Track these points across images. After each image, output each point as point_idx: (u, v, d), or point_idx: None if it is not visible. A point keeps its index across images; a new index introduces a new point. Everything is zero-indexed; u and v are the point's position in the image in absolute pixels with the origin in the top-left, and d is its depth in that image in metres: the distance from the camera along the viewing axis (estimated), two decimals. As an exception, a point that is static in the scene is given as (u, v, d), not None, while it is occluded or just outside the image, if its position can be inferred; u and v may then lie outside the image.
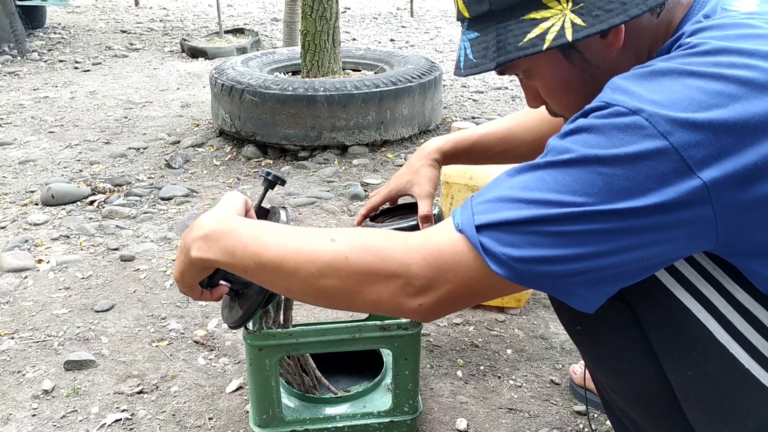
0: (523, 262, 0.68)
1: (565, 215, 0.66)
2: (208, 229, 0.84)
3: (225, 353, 1.65)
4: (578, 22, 0.74)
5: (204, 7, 8.15)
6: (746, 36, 0.69)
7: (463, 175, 1.76)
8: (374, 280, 0.74)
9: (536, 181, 0.69)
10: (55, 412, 1.44)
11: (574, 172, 0.67)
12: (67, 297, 1.90)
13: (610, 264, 0.68)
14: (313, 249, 0.76)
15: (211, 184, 2.77)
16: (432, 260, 0.72)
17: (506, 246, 0.68)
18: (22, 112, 3.83)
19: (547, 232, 0.67)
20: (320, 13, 3.30)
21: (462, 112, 3.73)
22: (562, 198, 0.67)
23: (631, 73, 0.71)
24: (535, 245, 0.67)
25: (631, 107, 0.66)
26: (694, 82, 0.66)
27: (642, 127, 0.65)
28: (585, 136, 0.68)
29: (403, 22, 7.24)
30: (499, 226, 0.69)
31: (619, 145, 0.65)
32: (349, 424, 1.29)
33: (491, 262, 0.69)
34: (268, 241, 0.79)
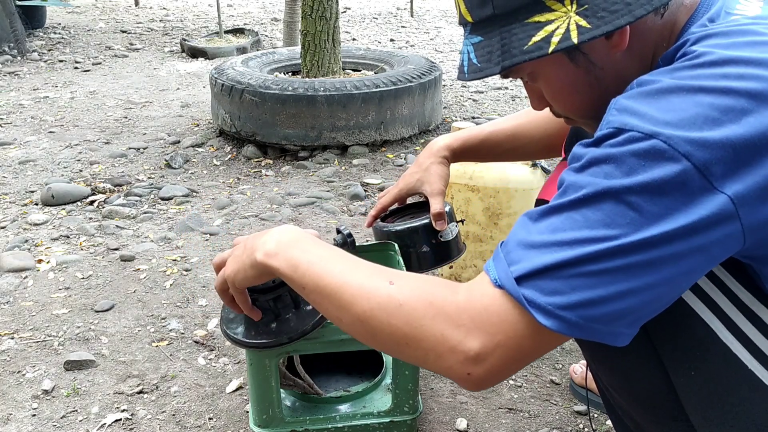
0: (571, 309, 0.66)
1: (603, 252, 0.65)
2: (279, 237, 0.86)
3: (225, 353, 1.65)
4: (583, 24, 0.73)
5: (204, 7, 8.15)
6: (753, 44, 0.69)
7: (463, 175, 1.76)
8: (423, 337, 0.72)
9: (565, 222, 0.67)
10: (55, 412, 1.44)
11: (601, 206, 0.66)
12: (67, 297, 1.90)
13: (653, 296, 0.67)
14: (372, 287, 0.75)
15: (211, 184, 2.77)
16: (480, 323, 0.69)
17: (550, 295, 0.66)
18: (22, 112, 3.83)
19: (588, 272, 0.65)
20: (320, 13, 3.30)
21: (462, 112, 3.73)
22: (596, 234, 0.65)
23: (636, 92, 0.70)
24: (580, 288, 0.65)
25: (647, 131, 0.65)
26: (704, 99, 0.65)
27: (661, 150, 0.64)
28: (604, 168, 0.66)
29: (403, 22, 7.24)
30: (539, 274, 0.66)
31: (642, 172, 0.64)
32: (349, 424, 1.29)
33: (539, 315, 0.66)
34: (332, 267, 0.79)
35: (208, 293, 1.92)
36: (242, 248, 0.91)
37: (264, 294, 1.13)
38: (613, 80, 0.81)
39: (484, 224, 1.78)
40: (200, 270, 2.05)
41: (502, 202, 1.74)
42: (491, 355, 0.69)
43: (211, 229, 2.33)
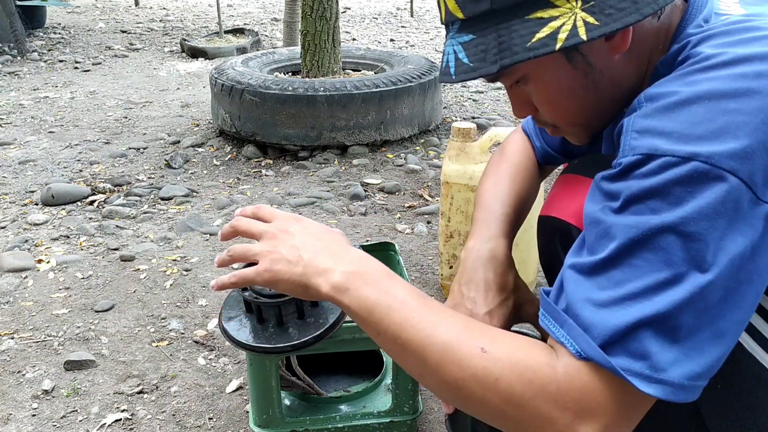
0: (668, 370, 0.60)
1: (681, 298, 0.60)
2: (347, 268, 0.75)
3: (225, 353, 1.65)
4: (591, 21, 0.69)
5: (204, 7, 8.15)
6: (758, 39, 0.67)
7: (463, 175, 1.76)
8: (523, 416, 0.66)
9: (627, 271, 0.62)
10: (55, 412, 1.44)
11: (660, 245, 0.61)
12: (67, 297, 1.90)
13: (740, 327, 0.63)
14: (463, 354, 0.67)
15: (211, 184, 2.77)
16: (586, 405, 0.63)
17: (644, 358, 0.61)
18: (22, 112, 3.83)
19: (674, 325, 0.60)
20: (320, 13, 3.30)
21: (462, 112, 3.73)
22: (664, 276, 0.61)
23: (653, 108, 0.66)
24: (670, 344, 0.61)
25: (682, 154, 0.61)
26: (729, 105, 0.62)
27: (704, 172, 0.60)
28: (649, 203, 0.62)
29: (403, 22, 7.24)
30: (624, 337, 0.61)
31: (691, 199, 0.60)
32: (349, 424, 1.29)
33: (641, 384, 0.61)
34: (414, 318, 0.71)
35: (208, 293, 1.92)
36: (288, 251, 0.78)
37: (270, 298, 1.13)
38: (609, 84, 0.78)
39: (484, 224, 1.78)
40: (200, 270, 2.05)
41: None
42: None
43: (211, 229, 2.33)
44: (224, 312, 1.21)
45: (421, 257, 2.13)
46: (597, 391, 0.63)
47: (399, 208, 2.52)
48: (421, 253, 2.15)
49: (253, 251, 0.81)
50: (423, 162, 2.97)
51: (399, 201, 2.58)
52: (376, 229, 2.34)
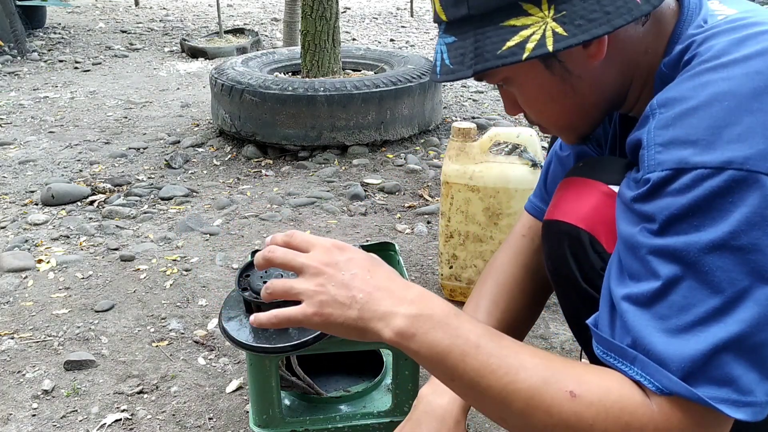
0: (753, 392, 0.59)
1: (751, 315, 0.58)
2: (409, 311, 0.68)
3: (225, 353, 1.65)
4: (560, 32, 0.69)
5: (204, 7, 8.15)
6: (764, 33, 0.67)
7: (463, 175, 1.76)
8: None
9: (688, 295, 0.60)
10: (55, 412, 1.44)
11: (716, 263, 0.59)
12: (67, 297, 1.90)
13: None
14: (551, 399, 0.64)
15: (211, 184, 2.77)
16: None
17: (728, 384, 0.59)
18: (22, 112, 3.83)
19: (751, 345, 0.59)
20: (320, 13, 3.30)
21: (462, 112, 3.73)
22: (729, 295, 0.59)
23: (672, 116, 0.64)
24: (752, 366, 0.59)
25: (714, 164, 0.59)
26: (752, 105, 0.61)
27: (742, 180, 0.59)
28: (692, 221, 0.60)
29: (403, 22, 7.24)
30: (703, 366, 0.59)
31: (735, 210, 0.58)
32: (349, 424, 1.29)
33: (730, 411, 0.59)
34: (494, 364, 0.66)
35: (208, 293, 1.92)
36: (338, 290, 0.70)
37: None
38: (590, 89, 0.78)
39: (484, 224, 1.78)
40: (200, 270, 2.05)
41: (502, 202, 1.74)
42: None
43: (211, 229, 2.33)
44: (224, 312, 1.21)
45: (421, 257, 2.13)
46: (694, 425, 0.61)
47: (399, 208, 2.52)
48: (421, 253, 2.15)
49: (296, 290, 0.72)
50: (423, 162, 2.97)
51: (399, 201, 2.58)
52: (376, 229, 2.34)
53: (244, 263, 1.30)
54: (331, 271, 0.71)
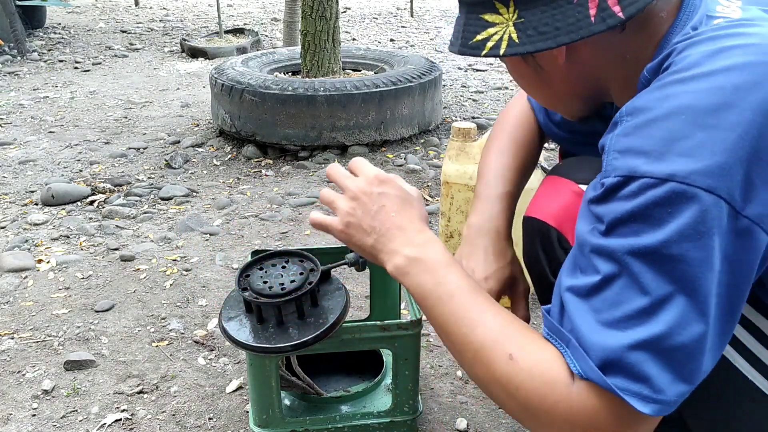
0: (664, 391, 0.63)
1: (674, 319, 0.62)
2: (410, 253, 0.80)
3: (225, 353, 1.65)
4: (514, 38, 0.74)
5: (204, 7, 8.15)
6: (741, 47, 0.66)
7: (462, 175, 1.76)
8: (539, 424, 0.70)
9: (619, 293, 0.64)
10: (55, 412, 1.44)
11: (647, 268, 0.62)
12: (67, 297, 1.90)
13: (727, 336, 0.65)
14: (492, 357, 0.72)
15: (211, 184, 2.77)
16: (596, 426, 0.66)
17: (641, 380, 0.63)
18: (22, 112, 3.83)
19: (669, 346, 0.62)
20: (320, 13, 3.30)
21: (462, 112, 3.73)
22: (653, 299, 0.62)
23: (632, 126, 0.66)
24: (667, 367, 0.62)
25: (659, 175, 0.62)
26: (707, 120, 0.62)
27: (681, 193, 0.61)
28: (632, 226, 0.63)
29: (403, 22, 7.24)
30: (621, 359, 0.63)
31: (671, 220, 0.61)
32: (349, 424, 1.29)
33: (639, 405, 0.63)
34: (459, 314, 0.75)
35: (208, 293, 1.92)
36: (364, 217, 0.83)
37: (271, 299, 1.13)
38: (561, 84, 0.82)
39: (484, 224, 1.78)
40: (200, 270, 2.05)
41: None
42: None
43: (211, 229, 2.33)
44: (224, 312, 1.21)
45: (421, 257, 2.12)
46: (602, 411, 0.65)
47: (399, 208, 2.51)
48: (421, 253, 2.15)
49: (335, 205, 0.87)
50: (423, 162, 2.97)
51: (399, 201, 2.58)
52: (376, 229, 2.34)
53: (244, 263, 1.30)
54: (365, 200, 0.84)
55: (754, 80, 0.63)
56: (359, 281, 1.95)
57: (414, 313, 1.27)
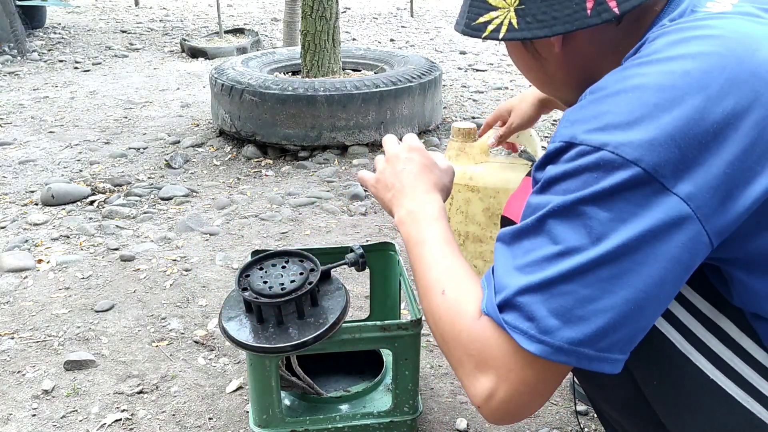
0: (551, 333, 0.66)
1: (572, 269, 0.65)
2: (412, 206, 0.92)
3: (225, 353, 1.65)
4: (513, 23, 0.77)
5: (204, 7, 8.15)
6: (701, 38, 0.68)
7: (463, 176, 1.76)
8: (449, 355, 0.77)
9: (533, 242, 0.69)
10: (55, 412, 1.44)
11: (563, 221, 0.67)
12: (67, 297, 1.90)
13: (633, 311, 0.66)
14: (431, 292, 0.80)
15: (211, 184, 2.77)
16: (484, 355, 0.71)
17: (529, 319, 0.66)
18: (22, 112, 3.83)
19: (562, 292, 0.65)
20: (320, 13, 3.30)
21: (462, 112, 3.73)
22: (561, 249, 0.66)
23: (587, 101, 0.70)
24: (557, 310, 0.66)
25: (594, 143, 0.65)
26: (650, 99, 0.65)
27: (610, 161, 0.64)
28: (562, 185, 0.67)
29: (403, 22, 7.24)
30: (516, 297, 0.67)
31: (594, 183, 0.65)
32: (349, 424, 1.29)
33: (522, 341, 0.67)
34: (426, 257, 0.85)
35: (208, 293, 1.92)
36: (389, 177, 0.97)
37: (271, 299, 1.13)
38: (556, 71, 0.85)
39: (484, 224, 1.78)
40: (200, 270, 2.05)
41: (502, 202, 1.74)
42: (498, 389, 0.70)
43: (211, 229, 2.33)
44: (224, 312, 1.21)
45: (421, 257, 2.13)
46: (494, 345, 0.70)
47: (399, 208, 2.52)
48: (421, 253, 2.15)
49: (375, 164, 1.03)
50: (423, 162, 2.97)
51: (399, 201, 2.58)
52: (376, 229, 2.34)
53: (244, 263, 1.30)
54: (394, 161, 0.98)
55: (704, 67, 0.65)
56: (359, 281, 1.95)
57: (414, 313, 1.27)
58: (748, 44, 0.67)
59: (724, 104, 0.64)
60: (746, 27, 0.69)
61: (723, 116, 0.64)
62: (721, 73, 0.65)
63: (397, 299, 1.51)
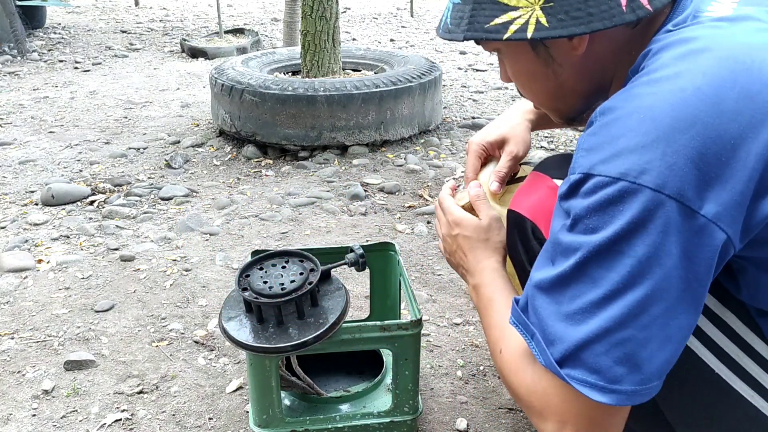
0: (621, 381, 0.66)
1: (623, 314, 0.65)
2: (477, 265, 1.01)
3: (225, 353, 1.65)
4: (543, 21, 0.73)
5: (204, 7, 8.15)
6: (703, 51, 0.67)
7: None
8: (520, 402, 0.79)
9: (577, 288, 0.68)
10: (55, 412, 1.44)
11: (602, 262, 0.66)
12: (67, 297, 1.90)
13: (687, 331, 0.67)
14: (494, 354, 0.86)
15: (211, 184, 2.77)
16: (546, 406, 0.73)
17: (596, 372, 0.67)
18: (22, 112, 3.83)
19: (621, 339, 0.65)
20: (320, 13, 3.30)
21: (462, 112, 3.73)
22: (603, 293, 0.66)
23: (599, 126, 0.69)
24: (621, 358, 0.66)
25: (613, 174, 0.65)
26: (663, 121, 0.64)
27: (632, 191, 0.64)
28: (588, 222, 0.67)
29: (403, 22, 7.24)
30: (577, 351, 0.67)
31: (620, 217, 0.64)
32: (349, 424, 1.29)
33: (595, 395, 0.67)
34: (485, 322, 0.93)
35: (208, 293, 1.92)
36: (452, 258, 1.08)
37: (271, 299, 1.13)
38: (569, 77, 0.82)
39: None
40: (200, 270, 2.05)
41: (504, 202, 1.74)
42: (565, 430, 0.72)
43: (211, 229, 2.33)
44: (224, 312, 1.21)
45: (421, 257, 2.13)
46: (556, 396, 0.71)
47: (399, 208, 2.52)
48: (421, 253, 2.15)
49: (436, 229, 1.14)
50: (423, 162, 2.97)
51: (399, 201, 2.58)
52: (376, 229, 2.34)
53: (244, 263, 1.30)
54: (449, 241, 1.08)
55: (715, 82, 0.64)
56: (359, 281, 1.95)
57: (414, 313, 1.27)
58: (756, 55, 0.66)
59: (739, 119, 0.63)
60: (751, 36, 0.69)
61: (740, 131, 0.63)
62: (733, 87, 0.64)
63: (397, 299, 1.51)
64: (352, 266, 1.27)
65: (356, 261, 1.26)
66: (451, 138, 3.29)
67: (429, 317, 1.79)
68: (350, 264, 1.27)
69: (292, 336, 1.13)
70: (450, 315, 1.80)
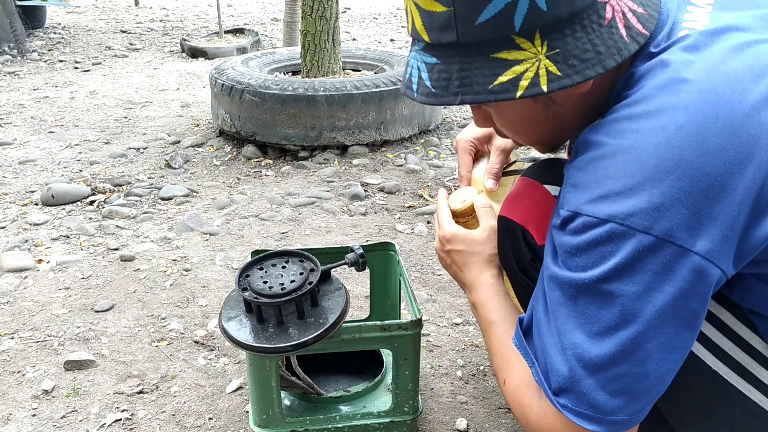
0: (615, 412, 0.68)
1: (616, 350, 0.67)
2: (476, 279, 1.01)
3: (225, 353, 1.65)
4: (553, 70, 0.69)
5: (204, 7, 8.15)
6: (684, 81, 0.66)
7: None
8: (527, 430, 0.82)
9: (566, 321, 0.70)
10: (55, 412, 1.44)
11: (591, 301, 0.68)
12: (67, 297, 1.90)
13: (681, 357, 0.69)
14: (499, 381, 0.88)
15: (211, 184, 2.77)
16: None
17: (590, 406, 0.69)
18: (22, 112, 3.83)
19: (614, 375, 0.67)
20: (320, 13, 3.30)
21: (462, 112, 3.73)
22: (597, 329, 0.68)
23: (584, 161, 0.69)
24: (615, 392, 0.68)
25: (600, 216, 0.65)
26: (648, 161, 0.64)
27: (621, 233, 0.64)
28: (578, 260, 0.68)
29: (403, 22, 7.23)
30: (571, 383, 0.70)
31: (611, 258, 0.65)
32: (349, 424, 1.29)
33: (589, 425, 0.69)
34: (488, 344, 0.94)
35: (208, 293, 1.92)
36: (448, 271, 1.09)
37: (271, 299, 1.13)
38: (570, 115, 0.79)
39: (484, 224, 1.77)
40: (200, 270, 2.05)
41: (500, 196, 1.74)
42: None
43: (211, 229, 2.33)
44: (224, 312, 1.21)
45: (421, 257, 2.13)
46: (558, 425, 0.73)
47: (399, 208, 2.52)
48: (421, 253, 2.15)
49: (436, 243, 1.11)
50: (423, 162, 2.97)
51: (399, 201, 2.58)
52: (376, 229, 2.34)
53: (244, 263, 1.30)
54: (442, 256, 1.09)
55: (697, 119, 0.64)
56: (359, 281, 1.95)
57: (414, 313, 1.27)
58: (736, 85, 0.65)
59: (724, 155, 0.63)
60: (730, 60, 0.67)
61: (725, 167, 0.63)
62: (715, 122, 0.63)
63: (397, 299, 1.51)
64: (352, 266, 1.27)
65: (356, 261, 1.26)
66: (451, 138, 3.29)
67: (429, 317, 1.79)
68: (350, 264, 1.27)
69: (292, 336, 1.13)
70: (450, 315, 1.80)
